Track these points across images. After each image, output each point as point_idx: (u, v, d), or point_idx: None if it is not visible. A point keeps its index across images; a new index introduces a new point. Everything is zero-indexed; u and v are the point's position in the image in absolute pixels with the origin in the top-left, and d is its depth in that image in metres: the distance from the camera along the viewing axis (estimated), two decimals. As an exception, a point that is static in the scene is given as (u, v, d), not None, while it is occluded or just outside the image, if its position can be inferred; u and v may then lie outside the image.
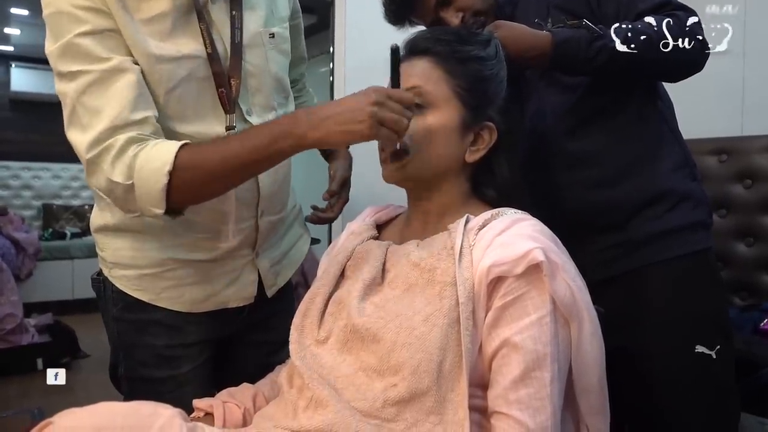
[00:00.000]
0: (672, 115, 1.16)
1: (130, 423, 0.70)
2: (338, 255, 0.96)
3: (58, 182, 5.62)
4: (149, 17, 0.90)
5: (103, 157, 0.86)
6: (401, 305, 0.80)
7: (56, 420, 0.69)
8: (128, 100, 0.86)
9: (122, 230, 1.02)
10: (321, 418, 0.77)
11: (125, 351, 1.08)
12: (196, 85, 0.94)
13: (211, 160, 0.86)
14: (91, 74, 0.86)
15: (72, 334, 3.57)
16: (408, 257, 0.86)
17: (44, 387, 3.14)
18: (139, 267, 1.03)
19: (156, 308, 1.04)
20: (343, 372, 0.81)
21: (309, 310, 0.91)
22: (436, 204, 0.91)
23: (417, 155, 0.87)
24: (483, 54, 0.90)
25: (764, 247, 1.91)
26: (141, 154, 0.85)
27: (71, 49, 0.86)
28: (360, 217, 1.05)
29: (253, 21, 1.01)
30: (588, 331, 0.77)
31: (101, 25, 0.86)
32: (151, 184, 0.84)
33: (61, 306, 4.51)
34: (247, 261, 1.10)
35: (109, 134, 0.85)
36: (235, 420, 0.91)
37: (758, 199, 1.93)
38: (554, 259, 0.75)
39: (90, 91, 0.86)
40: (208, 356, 1.11)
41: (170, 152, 0.84)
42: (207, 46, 0.94)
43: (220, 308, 1.09)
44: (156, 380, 1.05)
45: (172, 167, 0.83)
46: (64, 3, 0.86)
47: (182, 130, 0.94)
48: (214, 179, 0.87)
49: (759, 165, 1.94)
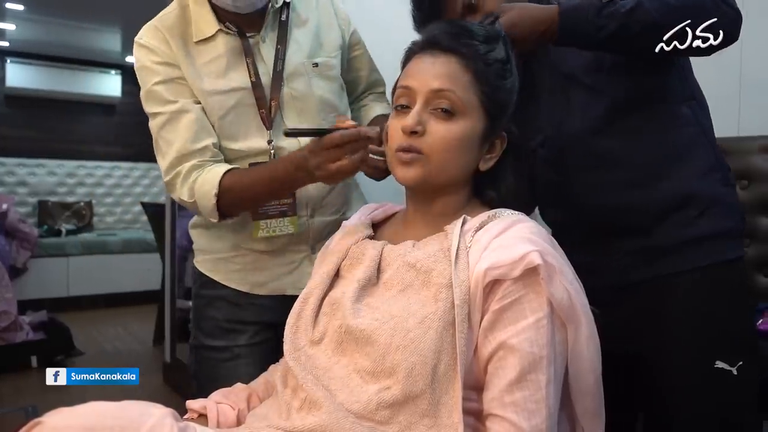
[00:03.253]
0: (706, 116, 1.09)
1: (120, 423, 0.69)
2: (333, 254, 0.95)
3: (54, 179, 5.60)
4: (208, 60, 1.16)
5: (175, 181, 1.14)
6: (396, 307, 0.80)
7: (45, 420, 0.68)
8: (190, 133, 1.13)
9: (205, 226, 1.27)
10: (314, 419, 0.76)
11: (196, 322, 1.30)
12: (244, 111, 1.17)
13: (246, 184, 1.11)
14: (164, 115, 1.14)
15: (67, 332, 3.55)
16: (404, 258, 0.85)
17: (38, 385, 3.13)
18: (214, 252, 1.27)
19: (224, 287, 1.25)
20: (337, 373, 0.80)
21: (303, 310, 0.90)
22: (438, 206, 0.90)
23: (437, 161, 0.84)
24: (503, 56, 0.88)
25: (761, 248, 1.91)
26: (198, 180, 1.12)
27: (150, 95, 1.15)
28: (356, 215, 1.04)
29: (298, 54, 1.21)
30: (584, 335, 0.77)
31: (170, 75, 1.14)
32: (205, 203, 1.11)
33: (55, 303, 4.49)
34: (305, 255, 1.24)
35: (178, 162, 1.13)
36: (229, 421, 0.91)
37: (755, 200, 1.93)
38: (551, 262, 0.75)
39: (165, 127, 1.14)
40: (264, 338, 1.25)
41: (216, 179, 1.10)
42: (251, 75, 1.16)
43: (279, 294, 1.23)
44: (214, 348, 1.25)
45: (218, 190, 1.09)
46: (146, 59, 1.15)
47: (234, 147, 1.17)
48: (248, 199, 1.14)
49: (755, 166, 1.93)
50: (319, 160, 0.96)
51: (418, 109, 0.85)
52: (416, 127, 0.83)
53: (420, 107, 0.85)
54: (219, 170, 1.12)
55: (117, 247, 5.17)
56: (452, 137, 0.84)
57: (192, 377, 1.31)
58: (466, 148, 0.86)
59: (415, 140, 0.84)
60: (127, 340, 4.10)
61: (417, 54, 0.90)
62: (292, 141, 1.16)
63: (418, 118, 0.84)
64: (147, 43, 1.15)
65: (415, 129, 0.83)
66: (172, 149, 1.13)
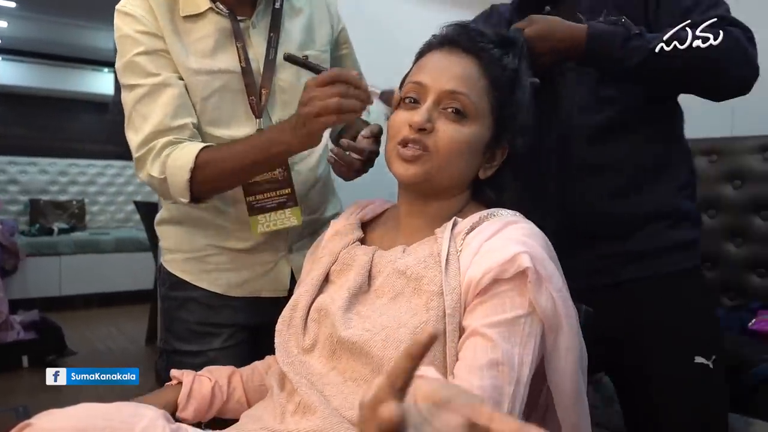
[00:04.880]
0: (683, 132, 1.18)
1: (111, 424, 0.69)
2: (322, 258, 0.93)
3: (46, 177, 5.56)
4: (196, 38, 1.10)
5: (147, 156, 1.06)
6: (387, 316, 0.78)
7: (34, 422, 0.67)
8: (170, 109, 1.05)
9: (175, 222, 1.22)
10: (309, 423, 0.76)
11: (166, 326, 1.24)
12: (230, 95, 1.11)
13: (223, 160, 1.03)
14: (143, 87, 1.06)
15: (58, 332, 3.52)
16: (394, 264, 0.83)
17: (30, 385, 3.12)
18: (184, 251, 1.20)
19: (195, 288, 1.19)
20: (332, 380, 0.80)
21: (293, 317, 0.89)
22: (433, 209, 0.87)
23: (441, 160, 0.82)
24: (515, 65, 0.87)
25: (753, 248, 1.92)
26: (172, 154, 1.04)
27: (130, 66, 1.07)
28: (344, 214, 1.02)
29: (288, 44, 1.15)
30: (563, 345, 0.74)
31: (154, 46, 1.07)
32: (177, 179, 1.02)
33: (47, 303, 4.45)
34: (281, 256, 1.20)
35: (153, 137, 1.05)
36: (203, 390, 0.95)
37: (748, 200, 1.94)
38: (540, 271, 0.72)
39: (143, 101, 1.06)
40: (240, 341, 1.20)
41: (193, 153, 1.02)
42: (242, 61, 1.10)
43: (254, 296, 1.20)
44: (186, 353, 1.18)
45: (194, 165, 1.01)
46: (128, 28, 1.07)
47: (217, 134, 1.11)
48: (226, 176, 1.04)
49: (749, 165, 1.95)
50: (309, 95, 0.90)
51: (428, 106, 0.82)
52: (425, 124, 0.81)
53: (431, 104, 0.83)
54: (196, 146, 1.04)
55: (109, 246, 5.13)
56: (460, 140, 0.82)
57: (162, 384, 1.11)
58: (470, 153, 0.84)
59: (422, 136, 0.82)
60: (120, 340, 4.07)
61: (434, 49, 0.87)
62: None
63: (428, 115, 0.82)
64: (131, 10, 1.08)
65: (423, 126, 0.81)
66: (147, 124, 1.05)
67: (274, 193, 1.12)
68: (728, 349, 1.46)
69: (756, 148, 1.94)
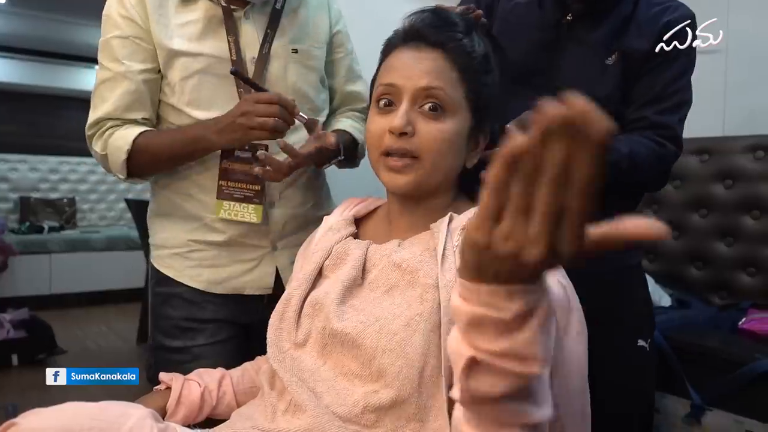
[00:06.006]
0: None
1: (98, 424, 0.68)
2: (315, 253, 0.92)
3: (36, 175, 5.52)
4: (184, 22, 1.13)
5: (94, 134, 1.15)
6: (381, 308, 0.78)
7: (20, 421, 0.66)
8: (123, 102, 1.12)
9: (159, 215, 1.25)
10: (299, 422, 0.75)
11: (153, 322, 1.26)
12: (213, 80, 1.13)
13: (156, 146, 1.11)
14: (109, 72, 1.12)
15: (49, 330, 3.50)
16: (389, 258, 0.83)
17: (19, 383, 3.09)
18: (169, 247, 1.22)
19: (179, 284, 1.20)
20: (323, 376, 0.79)
21: (286, 312, 0.88)
22: (425, 206, 0.87)
23: (431, 164, 0.81)
24: (485, 50, 0.87)
25: (744, 247, 1.93)
26: (114, 134, 1.12)
27: (105, 47, 1.13)
28: (337, 210, 1.01)
29: (281, 38, 1.18)
30: (575, 329, 0.73)
31: (130, 32, 1.11)
32: (115, 157, 1.11)
33: (37, 301, 4.43)
34: (265, 252, 1.20)
35: (104, 121, 1.13)
36: (192, 396, 0.94)
37: (739, 200, 1.95)
38: None
39: (105, 84, 1.13)
40: (225, 337, 1.20)
41: (131, 136, 1.10)
42: (233, 54, 1.13)
43: (237, 293, 1.20)
44: (173, 349, 1.20)
45: (130, 147, 1.09)
46: (113, 9, 1.12)
47: (196, 116, 1.13)
48: (157, 162, 1.14)
49: (740, 165, 1.95)
50: (248, 108, 1.02)
51: (405, 108, 0.81)
52: (406, 128, 0.80)
53: (407, 106, 0.81)
54: (136, 129, 1.11)
55: (100, 245, 5.10)
56: (443, 137, 0.81)
57: (148, 381, 1.15)
58: (456, 147, 0.83)
59: (405, 142, 0.80)
60: (111, 339, 4.05)
61: (399, 47, 0.86)
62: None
63: (407, 118, 0.80)
64: None
65: (404, 130, 0.80)
66: (102, 107, 1.12)
67: (244, 185, 1.14)
68: (719, 348, 1.57)
69: (747, 147, 1.95)
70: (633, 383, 1.23)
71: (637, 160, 1.08)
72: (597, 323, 1.10)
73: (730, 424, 1.46)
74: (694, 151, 2.03)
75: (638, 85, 1.14)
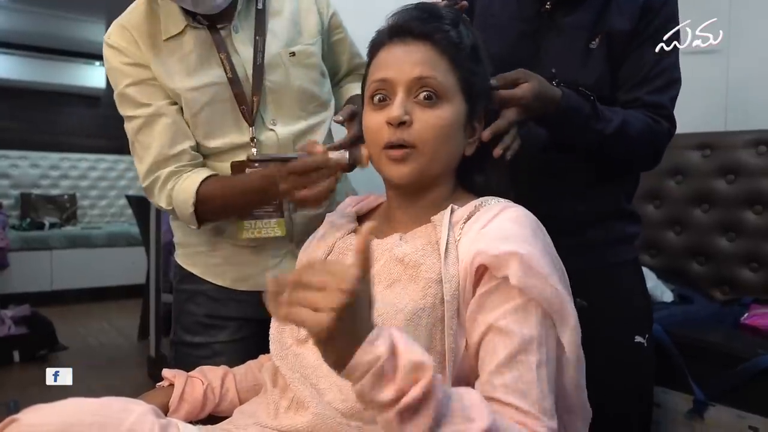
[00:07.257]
0: None
1: (99, 420, 0.68)
2: (318, 249, 0.93)
3: (37, 171, 5.52)
4: (178, 58, 1.12)
5: (153, 186, 1.14)
6: (383, 303, 0.77)
7: (21, 417, 0.66)
8: (166, 138, 1.11)
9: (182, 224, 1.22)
10: (301, 419, 0.75)
11: (176, 318, 1.27)
12: (220, 106, 1.13)
13: (221, 196, 1.10)
14: (139, 119, 1.12)
15: (50, 326, 3.51)
16: (391, 252, 0.82)
17: (20, 379, 3.10)
18: (193, 245, 1.24)
19: (204, 281, 1.23)
20: (325, 372, 0.78)
21: None
22: (426, 198, 0.87)
23: (430, 152, 0.81)
24: (473, 42, 0.87)
25: (746, 242, 1.92)
26: (176, 188, 1.11)
27: (123, 98, 1.13)
28: (339, 207, 1.02)
29: (275, 44, 1.16)
30: (570, 325, 0.74)
31: (140, 76, 1.11)
32: (182, 211, 1.11)
33: (39, 297, 4.43)
34: (287, 251, 1.21)
35: (156, 167, 1.12)
36: (195, 393, 0.94)
37: (741, 194, 1.94)
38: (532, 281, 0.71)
39: (141, 131, 1.12)
40: (246, 335, 1.22)
41: (193, 188, 1.09)
42: (227, 72, 1.12)
43: (260, 289, 1.15)
44: (194, 345, 1.22)
45: (195, 200, 1.09)
46: (115, 61, 1.12)
47: (212, 145, 1.15)
48: (225, 209, 1.13)
49: (742, 160, 1.95)
50: (286, 186, 0.93)
51: (401, 98, 0.81)
52: (404, 117, 0.80)
53: (402, 97, 0.81)
54: (196, 179, 1.10)
55: (101, 241, 5.11)
56: (440, 124, 0.81)
57: (149, 377, 1.22)
58: (453, 134, 0.83)
59: (403, 132, 0.81)
60: (112, 335, 4.05)
61: (386, 44, 0.86)
62: (272, 135, 1.15)
63: (404, 108, 0.81)
64: (115, 43, 1.11)
65: (402, 119, 0.80)
66: (148, 154, 1.12)
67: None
68: (721, 343, 1.56)
69: (749, 142, 1.94)
70: (630, 380, 1.20)
71: (629, 130, 1.07)
72: (592, 320, 1.10)
73: (732, 420, 1.45)
74: (695, 146, 2.03)
75: (625, 66, 1.13)
